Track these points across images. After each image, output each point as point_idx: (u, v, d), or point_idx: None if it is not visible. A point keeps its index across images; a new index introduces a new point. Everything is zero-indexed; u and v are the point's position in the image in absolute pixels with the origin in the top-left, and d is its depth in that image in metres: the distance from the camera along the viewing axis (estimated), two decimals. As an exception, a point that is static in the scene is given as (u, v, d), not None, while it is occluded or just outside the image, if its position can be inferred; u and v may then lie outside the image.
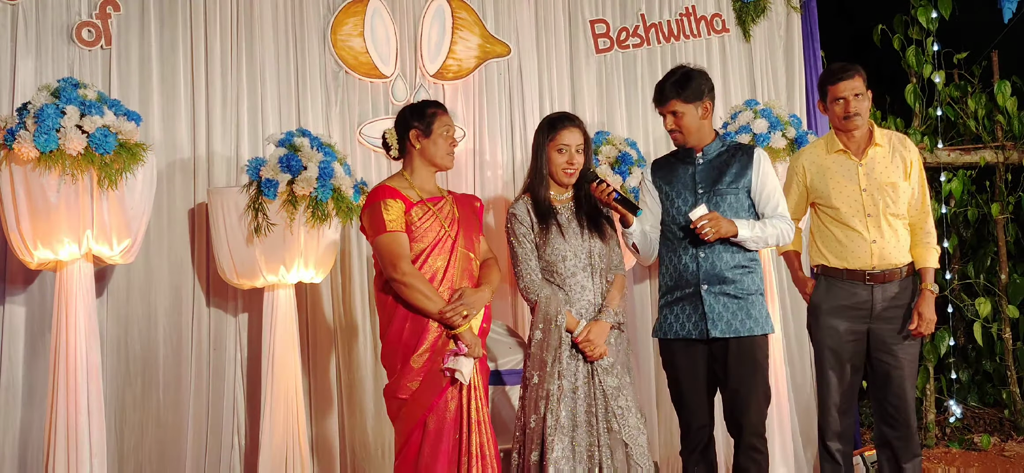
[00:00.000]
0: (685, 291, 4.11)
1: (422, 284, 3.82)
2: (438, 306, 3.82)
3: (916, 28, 6.72)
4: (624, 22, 5.91)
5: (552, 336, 4.01)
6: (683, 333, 4.13)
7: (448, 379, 3.84)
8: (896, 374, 4.39)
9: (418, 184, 4.00)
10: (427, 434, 3.83)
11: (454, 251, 3.94)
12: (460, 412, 3.86)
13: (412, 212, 3.90)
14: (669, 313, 4.17)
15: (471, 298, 3.88)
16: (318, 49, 5.36)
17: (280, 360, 4.68)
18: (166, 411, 4.97)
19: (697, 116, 4.14)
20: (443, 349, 3.84)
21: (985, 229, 7.14)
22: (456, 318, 3.82)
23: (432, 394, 3.84)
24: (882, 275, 4.35)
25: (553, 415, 3.95)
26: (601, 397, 4.03)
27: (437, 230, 3.93)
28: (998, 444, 6.52)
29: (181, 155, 5.07)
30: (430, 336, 3.85)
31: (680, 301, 4.13)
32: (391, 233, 3.85)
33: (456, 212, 4.02)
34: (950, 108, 6.89)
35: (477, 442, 3.86)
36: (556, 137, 4.12)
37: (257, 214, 4.57)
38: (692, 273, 4.09)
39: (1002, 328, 6.83)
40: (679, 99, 4.11)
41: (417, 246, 3.89)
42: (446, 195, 4.06)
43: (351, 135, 5.36)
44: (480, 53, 5.60)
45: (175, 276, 5.03)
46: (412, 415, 3.85)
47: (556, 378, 3.99)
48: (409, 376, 3.84)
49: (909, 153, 4.45)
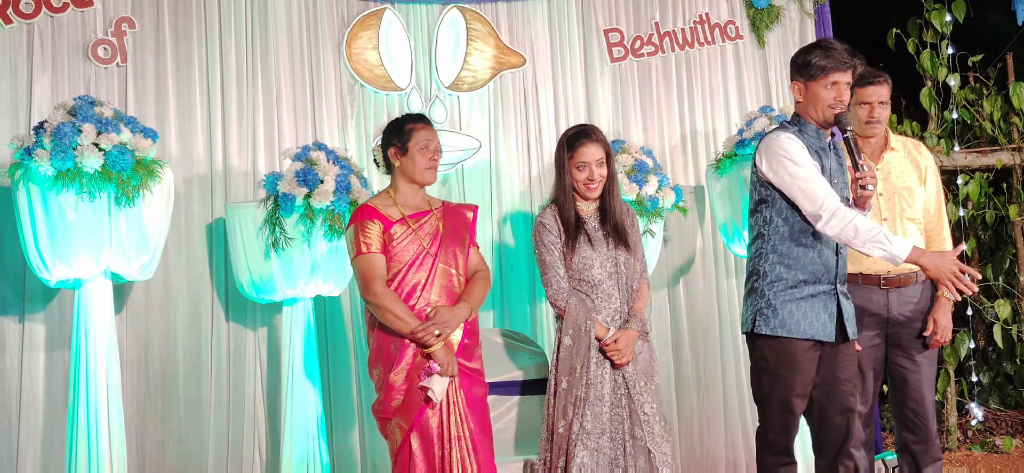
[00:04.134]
0: (822, 287, 3.79)
1: (395, 305, 3.83)
2: (410, 327, 3.82)
3: (930, 31, 6.70)
4: (638, 31, 5.91)
5: (581, 343, 4.04)
6: (811, 332, 3.77)
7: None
8: (914, 379, 4.38)
9: (402, 200, 4.01)
10: (413, 453, 3.84)
11: (434, 267, 3.94)
12: (441, 428, 3.86)
13: (392, 230, 3.92)
14: (798, 309, 3.77)
15: (445, 317, 3.87)
16: (333, 62, 5.37)
17: (300, 374, 4.68)
18: (187, 427, 4.97)
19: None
20: (421, 367, 3.84)
21: (1003, 231, 7.11)
22: (428, 338, 3.82)
23: (414, 411, 3.84)
24: (897, 280, 4.35)
25: (579, 421, 3.98)
26: (627, 404, 4.05)
27: (416, 248, 3.93)
28: (1020, 446, 6.49)
29: (198, 171, 5.08)
30: (409, 353, 3.87)
31: (814, 298, 3.79)
32: (365, 255, 3.88)
33: (441, 227, 4.01)
34: (966, 111, 6.87)
35: (458, 458, 3.85)
36: (574, 155, 4.14)
37: (274, 229, 4.57)
38: (832, 267, 3.81)
39: (1022, 330, 6.80)
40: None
41: (396, 262, 3.91)
42: (433, 209, 4.06)
43: (367, 148, 5.36)
44: (495, 64, 5.61)
45: (194, 292, 5.04)
46: (399, 432, 3.88)
47: (584, 384, 4.02)
48: (392, 393, 3.86)
49: (924, 158, 4.46)
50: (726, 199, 5.39)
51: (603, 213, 4.19)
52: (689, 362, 5.80)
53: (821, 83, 3.76)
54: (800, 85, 3.82)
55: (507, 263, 5.46)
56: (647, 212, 5.19)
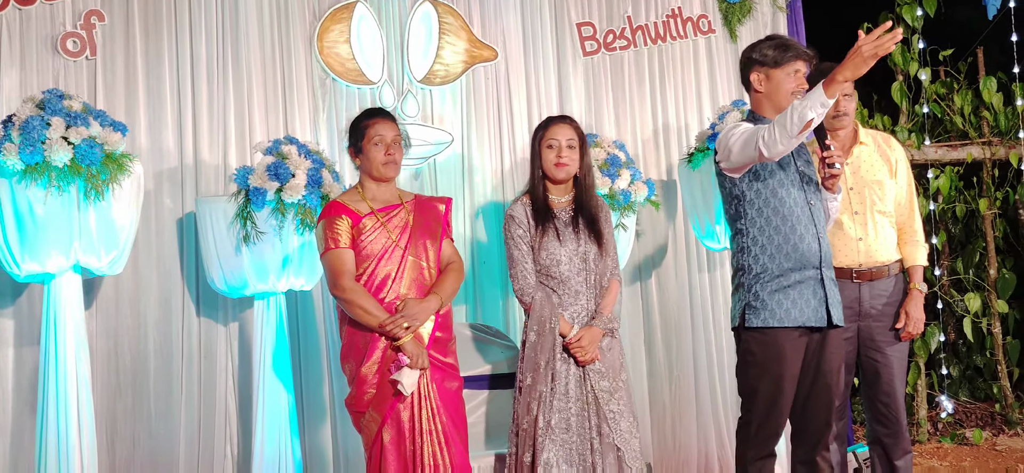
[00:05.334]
0: (806, 274, 3.76)
1: (363, 299, 3.84)
2: (379, 320, 3.83)
3: (902, 26, 6.74)
4: (611, 24, 5.91)
5: (545, 339, 4.03)
6: (802, 320, 3.75)
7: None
8: (885, 372, 4.42)
9: (370, 196, 4.03)
10: (385, 446, 3.84)
11: (403, 260, 3.94)
12: (412, 422, 3.86)
13: (362, 223, 3.93)
14: (785, 297, 3.75)
15: (414, 309, 3.86)
16: (305, 56, 5.34)
17: (271, 369, 4.66)
18: (158, 422, 4.94)
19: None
20: (392, 359, 3.84)
21: (973, 225, 7.17)
22: (396, 330, 3.82)
23: (385, 405, 3.85)
24: (869, 273, 4.38)
25: (544, 417, 3.98)
26: (593, 401, 4.04)
27: (384, 241, 3.94)
28: (990, 438, 6.55)
29: (168, 165, 5.05)
30: (380, 346, 3.87)
31: (797, 286, 3.76)
32: (333, 251, 3.90)
33: (410, 220, 4.01)
34: (937, 105, 6.92)
35: (429, 452, 3.86)
36: (545, 134, 4.14)
37: (246, 223, 4.55)
38: (814, 253, 3.77)
39: (992, 323, 6.86)
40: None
41: (365, 256, 3.92)
42: (404, 203, 4.06)
43: (339, 142, 5.34)
44: (467, 58, 5.59)
45: (164, 286, 5.01)
46: (371, 427, 3.88)
47: (549, 380, 4.02)
48: (364, 386, 3.87)
49: (894, 152, 4.49)
50: (698, 193, 5.41)
51: (577, 204, 4.18)
52: (661, 356, 5.81)
53: (785, 71, 3.79)
54: (761, 75, 3.83)
55: (479, 258, 5.45)
56: (619, 206, 5.20)
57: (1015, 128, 6.79)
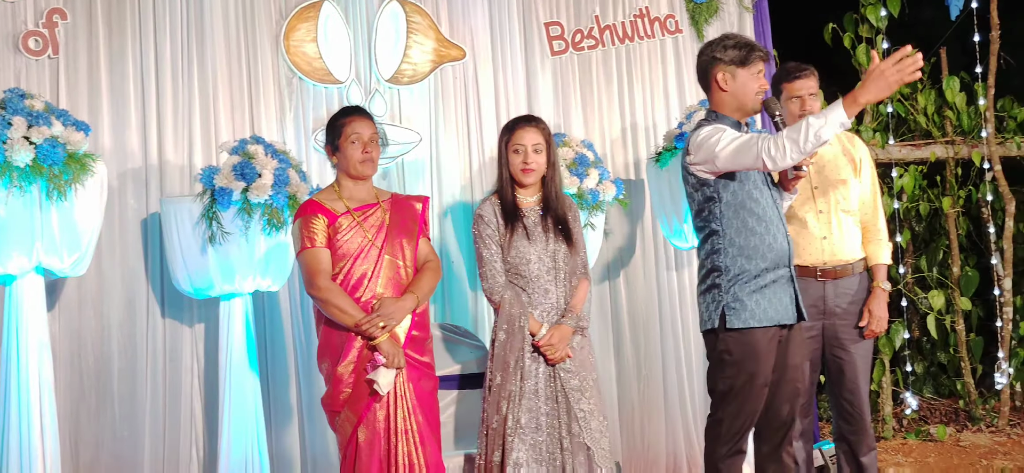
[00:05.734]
0: (780, 273, 3.79)
1: (338, 298, 3.83)
2: (355, 319, 3.82)
3: (866, 26, 6.79)
4: (579, 24, 5.91)
5: (514, 338, 4.03)
6: (777, 318, 3.77)
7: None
8: (849, 370, 4.46)
9: (347, 195, 4.01)
10: (360, 445, 3.83)
11: (379, 259, 3.93)
12: (388, 422, 3.85)
13: (337, 222, 3.92)
14: (762, 297, 3.75)
15: (390, 308, 3.86)
16: (271, 55, 5.30)
17: (238, 371, 4.63)
18: (122, 425, 4.89)
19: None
20: (368, 359, 3.83)
21: (937, 223, 7.24)
22: (372, 330, 3.81)
23: (361, 404, 3.84)
24: (834, 271, 4.41)
25: (514, 416, 3.98)
26: (563, 400, 4.05)
27: (360, 240, 3.93)
28: (954, 434, 6.61)
29: (132, 165, 5.00)
30: (356, 346, 3.86)
31: (772, 285, 3.77)
32: (309, 250, 3.89)
33: (387, 219, 4.00)
34: (900, 104, 6.98)
35: (404, 452, 3.85)
36: (512, 138, 4.14)
37: (211, 223, 4.51)
38: (785, 252, 3.79)
39: (955, 320, 6.93)
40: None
41: (341, 255, 3.91)
42: (380, 202, 4.04)
43: (306, 142, 5.31)
44: (435, 57, 5.57)
45: (128, 288, 4.96)
46: (346, 426, 3.87)
47: (518, 379, 4.02)
48: (340, 386, 3.86)
49: (858, 150, 4.53)
50: (666, 192, 5.42)
51: (545, 204, 4.18)
52: (630, 355, 5.82)
53: (750, 71, 3.78)
54: (727, 74, 3.79)
55: (447, 257, 5.44)
56: (588, 205, 5.20)
57: (978, 127, 6.86)
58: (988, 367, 7.07)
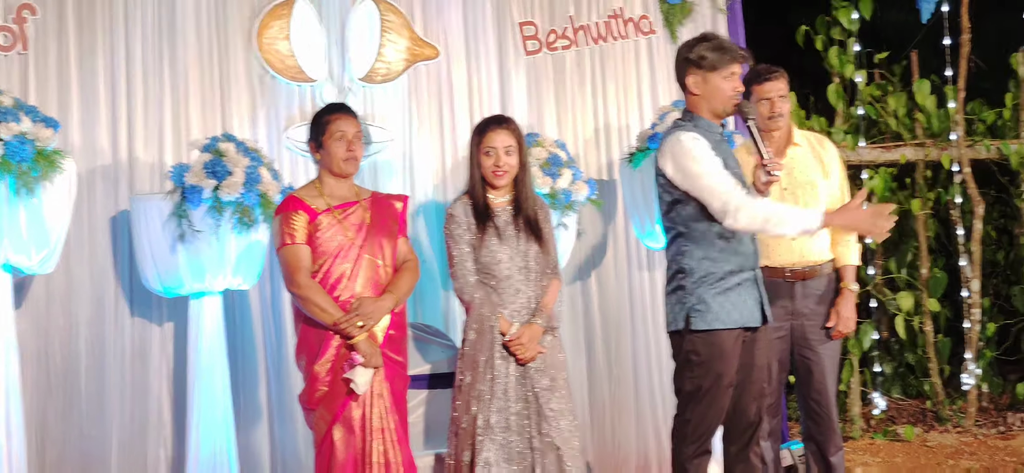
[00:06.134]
0: (746, 276, 3.80)
1: (318, 296, 3.83)
2: (334, 318, 3.82)
3: (838, 29, 6.83)
4: (553, 24, 5.91)
5: (485, 337, 4.04)
6: (742, 322, 3.77)
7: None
8: (817, 370, 4.49)
9: (328, 192, 4.01)
10: (335, 444, 3.84)
11: (359, 258, 3.93)
12: (363, 420, 3.86)
13: (318, 220, 3.91)
14: (727, 299, 3.75)
15: (369, 308, 3.86)
16: (243, 53, 5.27)
17: (207, 370, 4.61)
18: (90, 423, 4.87)
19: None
20: (345, 358, 3.83)
21: (906, 225, 7.28)
22: (351, 329, 3.81)
23: (337, 402, 3.84)
24: (802, 272, 4.45)
25: (484, 416, 3.98)
26: (533, 400, 4.06)
27: (340, 238, 3.93)
28: (921, 435, 6.66)
29: (102, 162, 4.97)
30: (333, 344, 3.86)
31: (739, 287, 3.78)
32: (290, 247, 3.88)
33: (367, 218, 4.00)
34: (871, 107, 7.02)
35: (379, 450, 3.86)
36: (483, 140, 4.14)
37: (181, 221, 4.48)
38: (752, 254, 3.82)
39: (923, 321, 6.98)
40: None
41: (321, 253, 3.90)
42: (361, 200, 4.04)
43: (278, 140, 5.29)
44: (409, 56, 5.56)
45: (97, 286, 4.93)
46: (321, 424, 3.87)
47: (488, 379, 4.02)
48: (316, 383, 3.86)
49: (827, 152, 4.57)
50: (639, 192, 5.43)
51: (516, 205, 4.19)
52: (601, 355, 5.83)
53: (722, 74, 3.76)
54: (698, 78, 3.78)
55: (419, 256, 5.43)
56: (560, 205, 5.20)
57: (948, 130, 6.91)
58: (956, 368, 7.13)
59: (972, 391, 6.86)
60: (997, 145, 6.95)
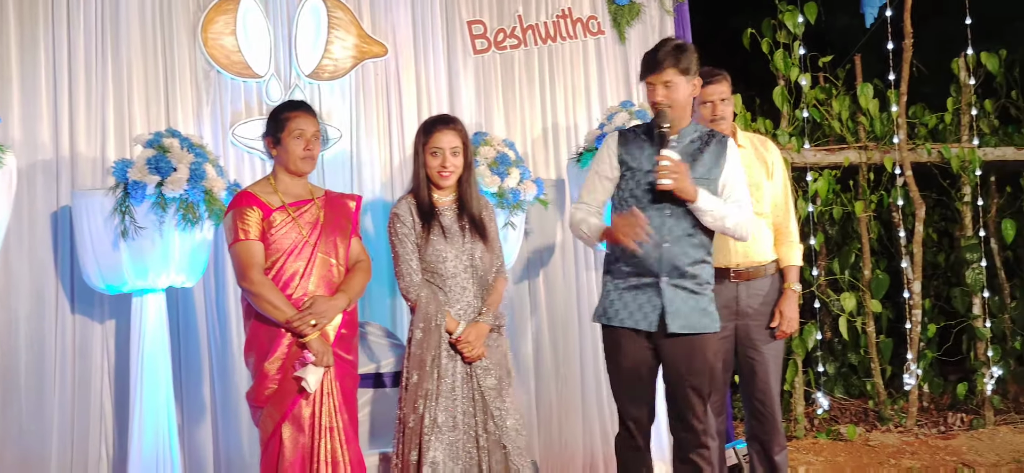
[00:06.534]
0: (645, 280, 3.88)
1: (270, 293, 3.81)
2: (286, 315, 3.81)
3: (784, 32, 6.89)
4: (501, 23, 5.92)
5: (431, 336, 4.03)
6: (631, 323, 3.90)
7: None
8: (761, 370, 4.52)
9: (282, 189, 3.98)
10: (284, 442, 3.82)
11: (313, 257, 3.92)
12: (313, 419, 3.85)
13: (272, 217, 3.89)
14: (619, 300, 3.92)
15: (322, 306, 3.86)
16: (188, 47, 5.22)
17: (150, 368, 4.56)
18: (29, 420, 4.80)
19: (688, 92, 3.90)
20: (296, 356, 3.81)
21: (849, 227, 7.39)
22: (303, 327, 3.80)
23: (287, 400, 3.82)
24: (747, 272, 4.48)
25: (430, 414, 3.98)
26: (479, 398, 4.06)
27: (294, 236, 3.91)
28: (863, 434, 6.74)
29: (43, 156, 4.89)
30: (284, 342, 3.85)
31: (636, 290, 3.89)
32: (243, 242, 3.86)
33: (321, 216, 3.98)
34: (816, 110, 7.09)
35: (328, 449, 3.85)
36: (429, 141, 4.14)
37: (124, 217, 4.43)
38: (654, 261, 3.85)
39: (866, 322, 7.07)
40: (676, 68, 3.85)
41: (275, 250, 3.88)
42: (315, 198, 4.02)
43: (223, 136, 5.24)
44: (356, 53, 5.54)
45: (37, 281, 4.86)
46: (270, 421, 3.85)
47: (435, 378, 4.02)
48: (265, 381, 3.84)
49: (771, 154, 4.60)
50: (586, 192, 5.44)
51: (460, 204, 4.19)
52: (548, 354, 5.84)
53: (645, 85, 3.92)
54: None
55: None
56: (508, 205, 5.21)
57: (890, 133, 7.01)
58: (897, 368, 7.22)
59: (913, 391, 6.97)
60: (938, 149, 7.06)
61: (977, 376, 7.07)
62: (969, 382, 7.15)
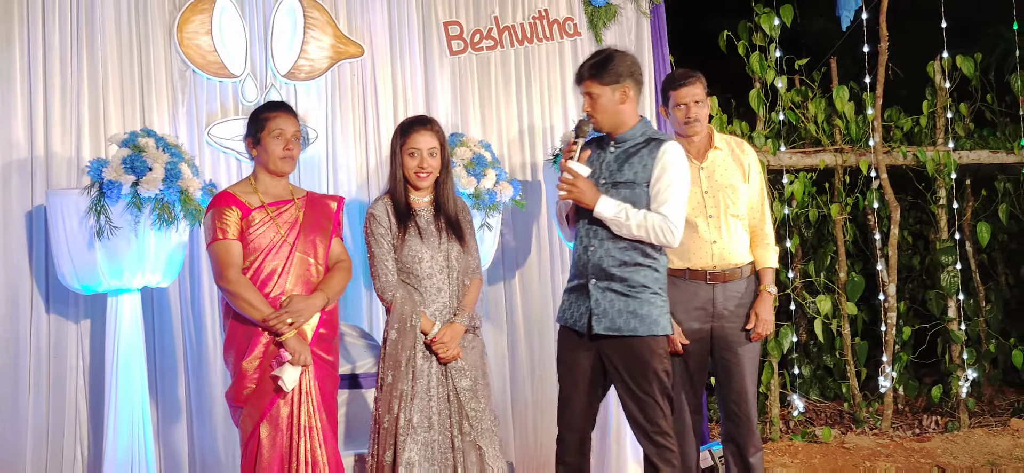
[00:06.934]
0: (579, 282, 4.02)
1: (248, 292, 3.81)
2: (263, 314, 3.81)
3: (760, 35, 6.92)
4: (478, 24, 5.93)
5: (407, 337, 4.02)
6: (570, 322, 4.04)
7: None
8: (737, 372, 4.53)
9: (262, 189, 3.99)
10: (262, 442, 3.82)
11: (290, 256, 3.92)
12: (291, 418, 3.85)
13: (251, 216, 3.90)
14: (566, 300, 4.09)
15: (299, 305, 3.86)
16: (164, 47, 5.20)
17: (125, 368, 4.55)
18: (3, 421, 4.79)
19: (614, 100, 3.99)
20: (275, 354, 3.81)
21: (825, 229, 7.42)
22: (280, 326, 3.81)
23: (265, 400, 3.83)
24: (723, 275, 4.48)
25: (406, 415, 3.97)
26: (454, 399, 4.06)
27: (272, 235, 3.91)
28: (838, 436, 6.77)
29: (17, 155, 4.87)
30: (262, 341, 3.85)
31: (574, 291, 4.04)
32: (221, 242, 3.86)
33: (301, 216, 3.99)
34: (792, 112, 7.12)
35: (307, 448, 3.85)
36: (407, 141, 4.13)
37: (99, 217, 4.41)
38: (583, 264, 3.99)
39: (841, 324, 7.10)
40: (595, 80, 3.99)
41: (253, 249, 3.89)
42: (295, 199, 4.03)
43: (199, 136, 5.23)
44: (333, 53, 5.53)
45: (11, 282, 4.84)
46: (249, 421, 3.85)
47: (410, 378, 4.02)
48: (244, 380, 3.84)
49: (747, 156, 4.61)
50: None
51: (437, 205, 4.19)
52: (524, 354, 5.85)
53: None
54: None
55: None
56: (484, 205, 5.22)
57: (866, 136, 7.04)
58: (872, 371, 7.26)
59: (888, 393, 7.00)
60: (913, 152, 7.11)
61: (952, 379, 7.11)
62: (944, 385, 7.19)
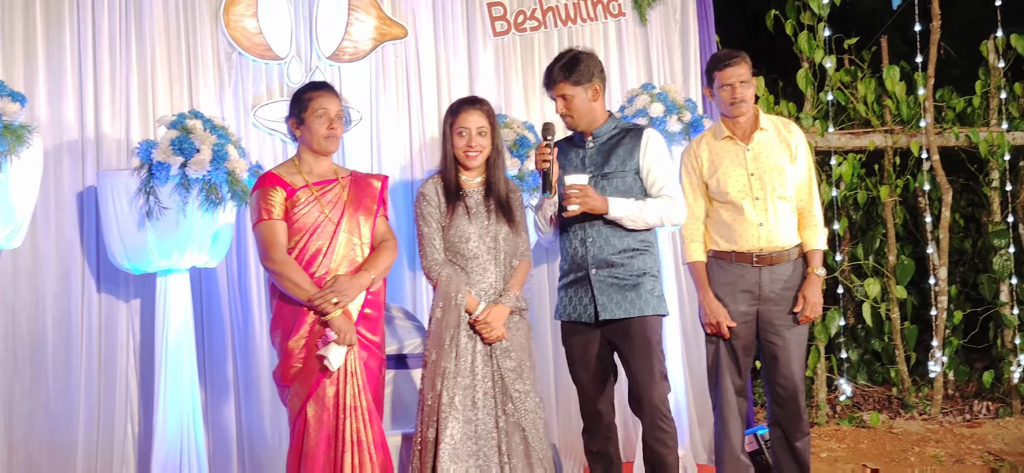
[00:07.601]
0: (577, 275, 4.16)
1: (293, 272, 3.84)
2: (309, 294, 3.83)
3: (808, 13, 6.83)
4: (521, 5, 5.91)
5: (451, 315, 4.03)
6: (575, 316, 4.19)
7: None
8: (783, 355, 4.48)
9: (306, 169, 4.02)
10: (308, 421, 3.85)
11: (335, 235, 3.94)
12: (337, 398, 3.88)
13: (296, 196, 3.93)
14: (564, 296, 4.24)
15: (344, 285, 3.88)
16: (210, 29, 5.25)
17: (174, 347, 4.61)
18: (56, 400, 4.85)
19: (587, 99, 4.15)
20: (320, 334, 3.84)
21: (874, 211, 7.33)
22: (325, 305, 3.83)
23: (311, 379, 3.85)
24: (770, 257, 4.44)
25: (449, 393, 3.98)
26: (499, 379, 4.06)
27: (317, 215, 3.94)
28: (887, 421, 6.71)
29: (69, 137, 4.94)
30: (308, 321, 3.87)
31: (573, 285, 4.19)
32: (266, 222, 3.90)
33: (345, 195, 4.01)
34: (841, 93, 7.04)
35: (352, 428, 3.88)
36: (456, 121, 4.14)
37: (148, 198, 4.47)
38: (581, 257, 4.14)
39: (890, 308, 7.02)
40: (567, 82, 4.13)
41: (298, 229, 3.92)
42: (340, 178, 4.05)
43: (245, 117, 5.27)
44: (377, 35, 5.55)
45: (64, 261, 4.91)
46: (296, 401, 3.88)
47: (453, 356, 4.02)
48: (290, 360, 3.87)
49: (794, 137, 4.55)
50: (607, 175, 5.43)
51: (487, 186, 4.19)
52: (568, 336, 5.83)
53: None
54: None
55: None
56: (528, 187, 5.21)
57: (916, 117, 6.94)
58: (922, 355, 7.18)
59: (938, 379, 6.91)
60: (966, 133, 6.99)
61: (1004, 364, 7.00)
62: (995, 370, 7.08)
